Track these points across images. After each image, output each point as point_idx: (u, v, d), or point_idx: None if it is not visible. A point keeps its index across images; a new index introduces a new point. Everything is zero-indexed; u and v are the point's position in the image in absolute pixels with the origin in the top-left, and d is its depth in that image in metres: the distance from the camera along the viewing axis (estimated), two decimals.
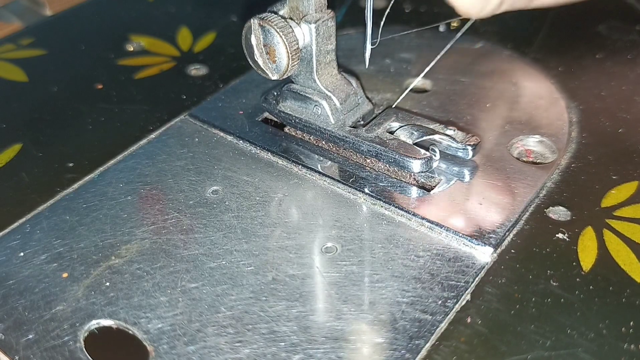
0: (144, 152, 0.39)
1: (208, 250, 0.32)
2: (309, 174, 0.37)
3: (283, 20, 0.35)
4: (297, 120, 0.38)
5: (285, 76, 0.36)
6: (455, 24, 0.48)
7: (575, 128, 0.39)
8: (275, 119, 0.40)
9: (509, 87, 0.42)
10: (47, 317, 0.30)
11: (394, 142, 0.35)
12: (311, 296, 0.30)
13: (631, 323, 0.28)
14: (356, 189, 0.35)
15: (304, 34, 0.35)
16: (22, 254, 0.32)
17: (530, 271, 0.31)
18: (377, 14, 0.38)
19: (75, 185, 0.36)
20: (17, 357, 0.28)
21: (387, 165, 0.36)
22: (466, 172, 0.36)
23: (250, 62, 0.37)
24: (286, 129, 0.40)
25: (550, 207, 0.34)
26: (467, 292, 0.30)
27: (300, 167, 0.37)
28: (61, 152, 0.39)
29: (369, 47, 0.36)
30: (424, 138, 0.35)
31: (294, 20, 0.35)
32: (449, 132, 0.36)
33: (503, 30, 0.48)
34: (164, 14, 0.53)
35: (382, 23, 0.37)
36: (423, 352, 0.28)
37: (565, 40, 0.47)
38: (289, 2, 0.36)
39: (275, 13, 0.35)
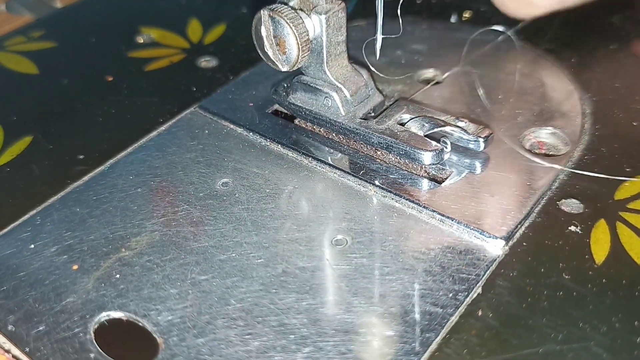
0: (154, 145, 0.39)
1: (218, 243, 0.32)
2: (319, 166, 0.36)
3: (293, 11, 0.35)
4: (307, 112, 0.38)
5: (295, 68, 0.36)
6: (467, 15, 0.48)
7: (589, 120, 0.38)
8: (286, 111, 0.40)
9: (522, 79, 0.42)
10: (58, 309, 0.30)
11: (404, 134, 0.35)
12: (321, 289, 0.30)
13: None
14: (367, 182, 0.35)
15: (314, 25, 0.35)
16: (32, 246, 0.33)
17: (542, 264, 0.30)
18: (390, 4, 0.37)
19: (86, 178, 0.36)
20: (27, 349, 0.28)
21: (398, 158, 0.36)
22: (478, 165, 0.35)
23: (260, 54, 0.36)
24: (296, 121, 0.40)
25: (563, 200, 0.33)
26: (478, 285, 0.30)
27: (310, 159, 0.37)
28: (71, 144, 0.39)
29: (379, 38, 0.36)
30: (435, 130, 0.35)
31: (304, 11, 0.35)
32: (460, 124, 0.36)
33: (516, 21, 0.47)
34: (174, 5, 0.52)
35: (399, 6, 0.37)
36: (434, 346, 0.27)
37: (578, 31, 0.47)
38: None
39: (286, 4, 0.35)
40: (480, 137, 0.35)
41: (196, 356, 0.27)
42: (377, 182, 0.35)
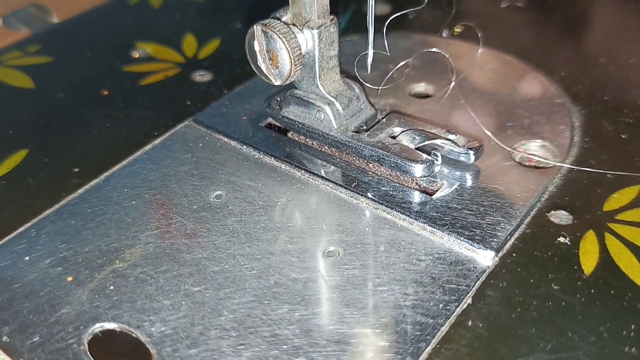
0: (148, 158, 0.39)
1: (211, 255, 0.33)
2: (312, 179, 0.37)
3: (286, 26, 0.35)
4: (300, 125, 0.38)
5: (288, 82, 0.36)
6: (457, 30, 0.48)
7: (578, 132, 0.39)
8: (279, 124, 0.41)
9: (512, 92, 0.42)
10: (52, 321, 0.30)
11: (396, 147, 0.35)
12: (313, 300, 0.30)
13: (632, 326, 0.28)
14: (359, 194, 0.35)
15: (307, 39, 0.36)
16: (27, 258, 0.33)
17: (531, 275, 0.31)
18: (381, 20, 0.38)
19: (81, 190, 0.37)
20: None
21: (390, 170, 0.36)
22: (468, 177, 0.36)
23: (254, 68, 0.37)
24: (289, 134, 0.40)
25: (552, 211, 0.34)
26: (468, 295, 0.30)
27: (303, 172, 0.37)
28: (67, 157, 0.39)
29: (371, 52, 0.37)
30: (426, 143, 0.36)
31: (297, 26, 0.36)
32: (451, 136, 0.36)
33: (506, 35, 0.48)
34: (170, 20, 0.53)
35: (385, 26, 0.37)
36: (424, 355, 0.28)
37: (568, 45, 0.47)
38: (291, 8, 0.36)
39: (278, 19, 0.36)
40: (470, 149, 0.35)
41: None
42: (369, 195, 0.35)
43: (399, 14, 0.37)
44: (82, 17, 0.55)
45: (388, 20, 0.36)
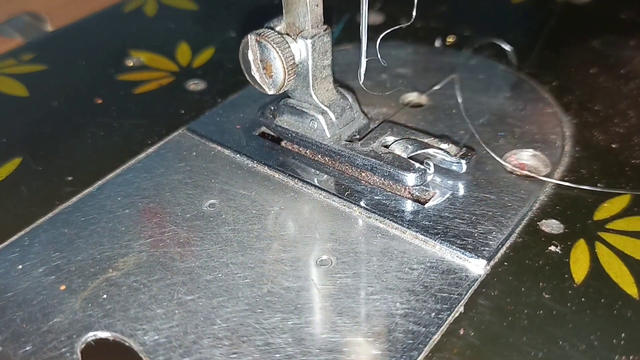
0: (142, 166, 0.39)
1: (204, 263, 0.33)
2: (305, 188, 0.37)
3: (280, 35, 0.35)
4: (293, 134, 0.38)
5: (281, 91, 0.36)
6: (450, 40, 0.49)
7: (569, 142, 0.39)
8: (272, 133, 0.41)
9: (504, 102, 0.43)
10: (45, 329, 0.30)
11: (388, 156, 0.36)
12: (306, 308, 0.30)
13: (622, 335, 0.29)
14: (352, 203, 0.36)
15: (300, 49, 0.36)
16: (20, 266, 0.33)
17: (522, 283, 0.31)
18: (374, 29, 0.38)
19: (74, 199, 0.37)
20: None
21: (382, 179, 0.36)
22: (460, 186, 0.36)
23: (248, 77, 0.37)
24: (283, 143, 0.40)
25: (544, 220, 0.34)
26: (460, 304, 0.30)
27: (296, 180, 0.37)
28: (60, 165, 0.39)
29: (364, 62, 0.37)
30: (419, 152, 0.36)
31: (291, 36, 0.36)
32: (443, 146, 0.36)
33: (498, 45, 0.48)
34: (164, 29, 0.53)
35: (378, 40, 0.37)
36: None
37: (559, 55, 0.48)
38: (285, 18, 0.36)
39: (272, 29, 0.36)
40: (462, 158, 0.35)
41: None
42: (362, 203, 0.35)
43: (391, 29, 0.37)
44: (77, 25, 0.55)
45: (381, 36, 0.36)
